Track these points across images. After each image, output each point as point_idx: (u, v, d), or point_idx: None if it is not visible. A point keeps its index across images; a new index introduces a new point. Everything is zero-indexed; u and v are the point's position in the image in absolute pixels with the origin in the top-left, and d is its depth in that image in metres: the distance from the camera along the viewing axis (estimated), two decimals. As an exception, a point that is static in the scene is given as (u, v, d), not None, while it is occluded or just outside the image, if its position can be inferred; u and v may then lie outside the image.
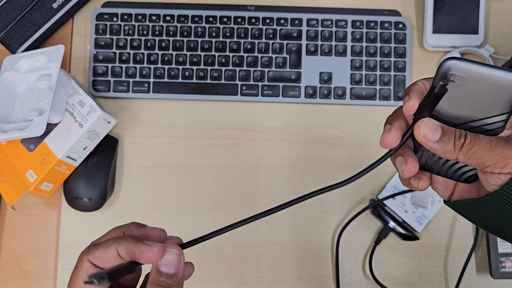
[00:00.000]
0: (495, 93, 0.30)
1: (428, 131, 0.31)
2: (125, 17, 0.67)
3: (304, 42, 0.67)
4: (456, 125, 0.32)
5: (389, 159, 0.35)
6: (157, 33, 0.67)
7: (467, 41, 0.66)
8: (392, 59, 0.66)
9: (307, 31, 0.67)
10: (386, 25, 0.67)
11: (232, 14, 0.67)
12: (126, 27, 0.67)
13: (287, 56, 0.66)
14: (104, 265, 0.30)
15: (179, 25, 0.67)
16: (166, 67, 0.66)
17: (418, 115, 0.32)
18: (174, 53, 0.67)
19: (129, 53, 0.67)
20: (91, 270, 0.29)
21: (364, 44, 0.66)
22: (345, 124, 0.66)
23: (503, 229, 0.35)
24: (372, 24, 0.67)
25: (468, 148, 0.31)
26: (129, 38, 0.67)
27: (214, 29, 0.67)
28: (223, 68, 0.66)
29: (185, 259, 0.31)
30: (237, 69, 0.66)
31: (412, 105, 0.32)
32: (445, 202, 0.38)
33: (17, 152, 0.60)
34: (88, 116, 0.59)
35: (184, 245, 0.33)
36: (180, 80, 0.66)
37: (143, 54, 0.67)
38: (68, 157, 0.60)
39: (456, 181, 0.36)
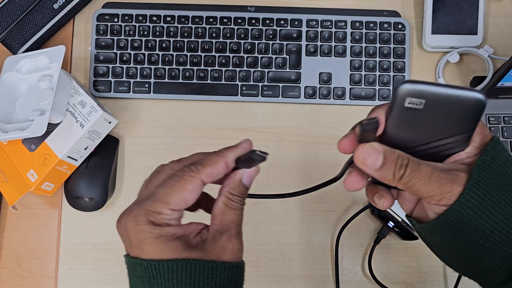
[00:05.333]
0: (456, 113, 0.29)
1: (368, 159, 0.31)
2: (126, 17, 0.68)
3: (303, 42, 0.67)
4: (414, 146, 0.32)
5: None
6: (157, 33, 0.67)
7: (466, 42, 0.66)
8: (392, 59, 0.66)
9: (307, 31, 0.67)
10: (386, 25, 0.67)
11: (232, 15, 0.67)
12: (127, 28, 0.67)
13: (287, 57, 0.67)
14: (211, 181, 0.34)
15: (179, 25, 0.67)
16: (167, 67, 0.67)
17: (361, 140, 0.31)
18: (174, 53, 0.67)
19: (129, 54, 0.67)
20: (199, 188, 0.33)
21: (364, 44, 0.67)
22: (344, 124, 0.66)
23: (449, 258, 0.35)
24: (371, 24, 0.67)
25: (406, 180, 0.31)
26: (129, 38, 0.67)
27: (214, 29, 0.67)
28: (223, 69, 0.66)
29: None
30: (237, 69, 0.66)
31: (344, 146, 0.33)
32: (406, 216, 0.38)
33: (18, 152, 0.60)
34: (89, 116, 0.59)
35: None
36: (180, 80, 0.67)
37: (143, 54, 0.67)
38: (69, 157, 0.60)
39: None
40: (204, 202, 0.38)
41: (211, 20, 0.67)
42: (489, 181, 0.30)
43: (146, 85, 0.67)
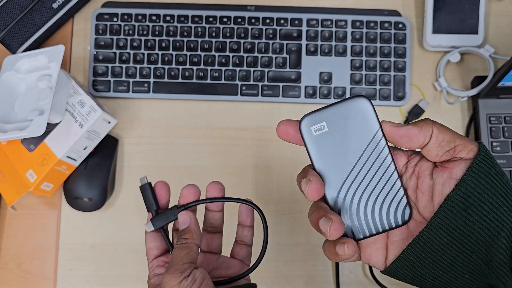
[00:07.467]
0: (354, 119, 0.33)
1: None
2: (125, 17, 0.67)
3: (304, 42, 0.67)
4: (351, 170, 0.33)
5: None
6: (157, 33, 0.67)
7: (467, 41, 0.66)
8: (392, 59, 0.66)
9: (307, 31, 0.67)
10: (386, 25, 0.67)
11: (232, 14, 0.67)
12: (126, 27, 0.67)
13: (287, 56, 0.66)
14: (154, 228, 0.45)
15: (179, 25, 0.67)
16: (166, 67, 0.66)
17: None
18: (174, 53, 0.67)
19: (129, 53, 0.67)
20: (150, 235, 0.45)
21: (364, 44, 0.66)
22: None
23: (453, 267, 0.32)
24: (372, 24, 0.67)
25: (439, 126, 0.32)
26: (129, 38, 0.67)
27: (214, 29, 0.67)
28: (223, 68, 0.66)
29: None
30: (237, 69, 0.66)
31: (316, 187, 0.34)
32: (382, 271, 0.34)
33: (17, 152, 0.60)
34: (88, 116, 0.59)
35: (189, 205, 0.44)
36: (180, 80, 0.66)
37: (143, 54, 0.67)
38: (68, 157, 0.60)
39: (391, 229, 0.33)
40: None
41: (210, 19, 0.67)
42: (490, 163, 0.31)
43: (146, 85, 0.66)
